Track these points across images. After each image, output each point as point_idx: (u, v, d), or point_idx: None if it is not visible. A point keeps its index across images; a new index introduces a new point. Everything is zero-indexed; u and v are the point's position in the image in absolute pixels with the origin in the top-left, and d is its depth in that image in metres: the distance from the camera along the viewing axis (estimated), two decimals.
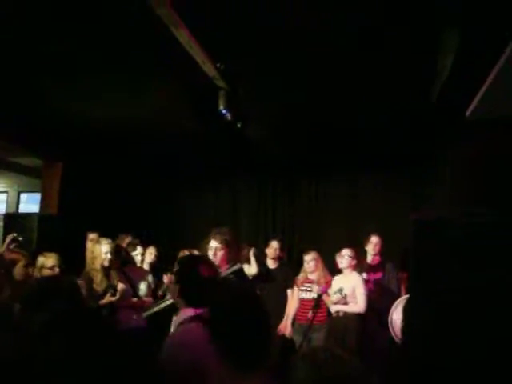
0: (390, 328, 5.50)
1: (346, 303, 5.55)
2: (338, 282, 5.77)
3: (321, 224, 8.21)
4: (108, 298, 5.02)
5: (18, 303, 2.47)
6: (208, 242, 4.40)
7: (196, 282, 2.76)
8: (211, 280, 2.80)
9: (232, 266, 4.30)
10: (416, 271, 2.15)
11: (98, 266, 5.11)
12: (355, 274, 5.74)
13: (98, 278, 5.08)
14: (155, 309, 4.62)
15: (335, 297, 5.54)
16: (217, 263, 4.24)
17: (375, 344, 5.74)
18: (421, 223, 1.91)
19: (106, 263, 5.16)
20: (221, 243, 4.33)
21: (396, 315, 5.48)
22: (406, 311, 2.07)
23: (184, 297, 2.72)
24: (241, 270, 4.32)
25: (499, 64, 1.38)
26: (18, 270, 4.58)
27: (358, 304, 5.55)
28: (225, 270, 4.22)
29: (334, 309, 5.61)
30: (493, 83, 1.53)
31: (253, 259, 6.17)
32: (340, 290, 5.55)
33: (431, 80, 4.65)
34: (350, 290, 5.58)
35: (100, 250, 5.16)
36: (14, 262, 4.41)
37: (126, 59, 4.61)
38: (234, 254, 4.56)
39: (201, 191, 8.64)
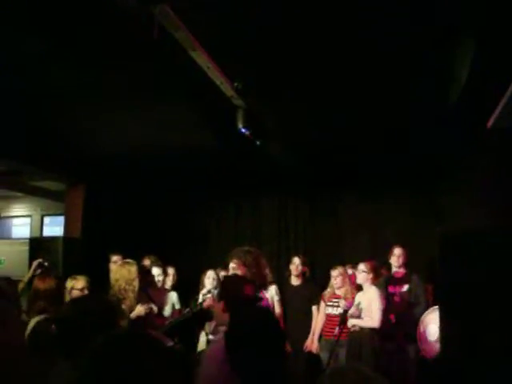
0: (419, 340, 5.45)
1: (359, 316, 5.50)
2: (358, 297, 5.74)
3: (344, 239, 8.15)
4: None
5: None
6: (228, 263, 4.49)
7: (240, 299, 2.83)
8: (254, 298, 2.86)
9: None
10: (443, 283, 2.14)
11: (136, 286, 5.09)
12: (373, 289, 5.71)
13: (132, 298, 5.06)
14: (174, 322, 4.64)
15: (351, 310, 5.50)
16: None
17: (405, 356, 5.70)
18: (447, 237, 1.90)
19: (137, 285, 5.16)
20: (237, 263, 4.38)
21: (422, 327, 5.43)
22: (440, 329, 2.06)
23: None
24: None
25: None
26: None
27: (372, 319, 5.50)
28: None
29: (350, 323, 5.56)
30: None
31: None
32: (357, 305, 5.52)
33: (450, 91, 4.64)
34: (366, 304, 5.53)
35: (135, 272, 5.15)
36: (44, 289, 4.43)
37: (147, 84, 4.68)
38: (256, 273, 4.48)
39: (222, 212, 8.66)
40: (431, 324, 4.97)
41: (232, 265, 4.41)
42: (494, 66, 3.17)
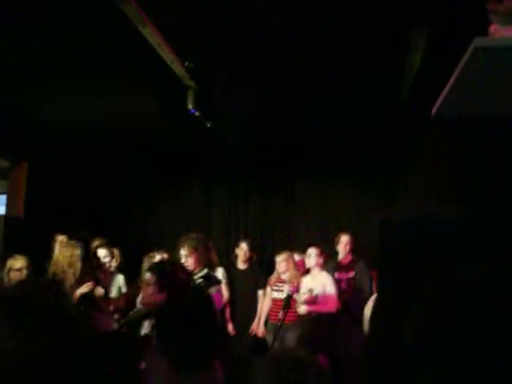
0: (364, 325, 5.53)
1: (315, 302, 5.55)
2: (307, 282, 5.77)
3: (294, 224, 8.21)
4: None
5: None
6: (179, 250, 4.60)
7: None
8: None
9: (199, 271, 4.48)
10: (382, 270, 2.15)
11: (77, 270, 4.96)
12: (324, 274, 5.76)
13: (71, 280, 4.95)
14: (130, 318, 4.58)
15: (304, 296, 5.53)
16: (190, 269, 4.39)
17: (349, 342, 5.77)
18: (385, 223, 1.90)
19: (81, 267, 5.04)
20: (188, 250, 4.52)
21: (367, 312, 5.52)
22: (373, 308, 2.07)
23: None
24: (208, 274, 4.48)
25: (461, 64, 1.38)
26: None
27: (328, 304, 5.55)
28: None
29: (303, 310, 5.60)
30: (455, 84, 1.54)
31: None
32: (310, 291, 5.55)
33: (401, 78, 4.69)
34: (320, 290, 5.58)
35: (78, 254, 5.03)
36: None
37: (92, 58, 4.53)
38: (206, 258, 4.68)
39: (172, 192, 8.55)
40: (368, 310, 5.03)
41: (184, 252, 4.54)
42: (445, 54, 3.21)
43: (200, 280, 4.32)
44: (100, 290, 4.97)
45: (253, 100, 5.56)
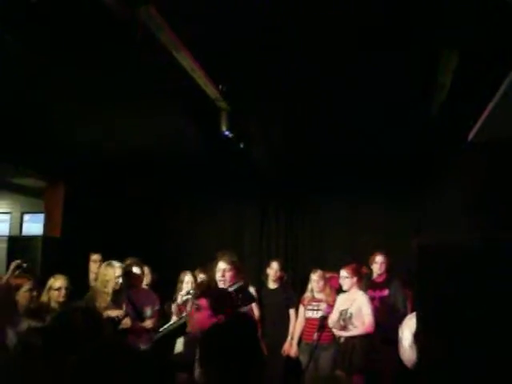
0: (399, 345, 5.46)
1: (345, 327, 5.50)
2: (342, 301, 5.74)
3: (324, 245, 8.17)
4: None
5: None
6: (216, 264, 4.53)
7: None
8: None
9: (234, 283, 4.40)
10: (421, 293, 2.16)
11: (109, 289, 5.03)
12: (360, 294, 5.70)
13: (106, 301, 5.01)
14: (165, 331, 4.62)
15: (333, 320, 5.50)
16: (226, 284, 4.42)
17: (382, 362, 5.70)
18: (423, 247, 1.92)
19: (117, 287, 5.11)
20: (229, 264, 4.49)
21: (401, 332, 5.45)
22: (416, 337, 2.08)
23: None
24: (243, 288, 4.38)
25: (500, 91, 1.39)
26: (22, 295, 4.61)
27: (364, 325, 5.50)
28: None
29: (339, 333, 5.56)
30: (495, 107, 1.55)
31: None
32: (345, 310, 5.51)
33: (431, 100, 4.67)
34: (355, 310, 5.53)
35: (113, 274, 5.09)
36: (18, 288, 4.42)
37: (130, 84, 4.64)
38: (243, 276, 4.66)
39: (203, 213, 8.61)
40: (406, 330, 4.99)
41: (223, 266, 4.47)
42: (477, 78, 3.21)
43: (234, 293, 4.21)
44: (126, 313, 5.02)
45: (284, 123, 5.62)
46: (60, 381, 1.65)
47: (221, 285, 4.56)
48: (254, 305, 5.32)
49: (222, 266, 4.50)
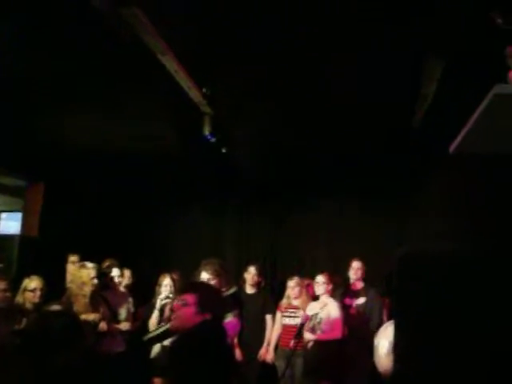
0: (374, 353, 5.48)
1: (313, 330, 5.53)
2: (312, 306, 5.80)
3: (304, 251, 8.20)
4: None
5: None
6: (199, 274, 4.51)
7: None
8: None
9: (228, 289, 4.51)
10: (400, 302, 2.16)
11: (85, 292, 4.99)
12: (331, 300, 5.77)
13: (82, 303, 4.97)
14: (152, 334, 4.59)
15: (308, 323, 5.54)
16: None
17: (357, 370, 5.73)
18: (405, 256, 1.92)
19: (93, 288, 5.07)
20: (212, 274, 4.46)
21: (377, 341, 5.48)
22: (394, 346, 2.08)
23: None
24: (236, 293, 4.57)
25: (480, 108, 1.43)
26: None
27: (334, 331, 5.54)
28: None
29: (308, 337, 5.59)
30: (474, 126, 1.58)
31: None
32: (315, 314, 5.55)
33: (414, 107, 4.73)
34: (325, 316, 5.57)
35: (87, 275, 5.05)
36: None
37: (111, 85, 4.62)
38: (227, 282, 4.65)
39: (184, 216, 8.57)
40: (383, 339, 5.02)
41: (206, 275, 4.47)
42: (460, 90, 3.26)
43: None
44: (103, 325, 5.00)
45: (267, 127, 5.63)
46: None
47: None
48: None
49: (204, 276, 4.48)
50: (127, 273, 6.43)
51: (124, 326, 5.39)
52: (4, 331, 3.90)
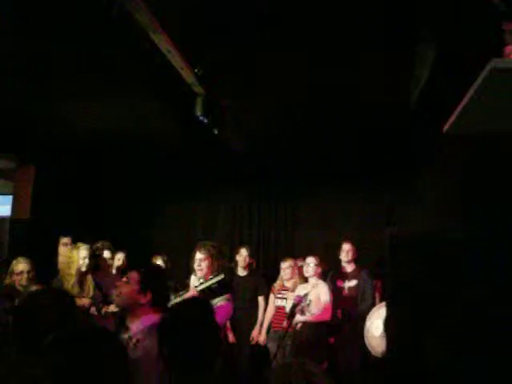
0: (364, 335, 5.53)
1: (303, 311, 5.56)
2: (302, 288, 5.83)
3: (297, 234, 8.23)
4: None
5: None
6: (194, 254, 4.68)
7: None
8: None
9: (215, 276, 4.55)
10: (392, 283, 2.18)
11: (73, 271, 5.00)
12: (320, 283, 5.83)
13: (71, 283, 4.98)
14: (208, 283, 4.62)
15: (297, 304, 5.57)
16: (202, 274, 4.59)
17: (350, 351, 5.77)
18: (395, 237, 1.93)
19: (84, 268, 5.07)
20: (204, 254, 4.61)
21: (369, 322, 5.51)
22: (385, 322, 2.10)
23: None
24: (223, 280, 4.54)
25: (476, 84, 1.40)
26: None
27: (322, 313, 5.59)
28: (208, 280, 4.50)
29: (297, 319, 5.61)
30: (469, 103, 1.56)
31: None
32: (305, 295, 5.58)
33: (408, 91, 4.70)
34: (314, 298, 5.60)
35: (77, 255, 5.06)
36: None
37: (101, 62, 4.54)
38: (218, 266, 4.74)
39: (177, 199, 8.54)
40: (377, 320, 5.05)
41: (199, 256, 4.63)
42: (455, 69, 3.24)
43: (215, 285, 4.42)
44: (93, 310, 5.03)
45: (260, 109, 5.59)
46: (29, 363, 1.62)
47: (198, 274, 4.67)
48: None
49: (198, 256, 4.63)
50: (120, 255, 6.42)
51: (113, 308, 5.39)
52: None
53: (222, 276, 4.50)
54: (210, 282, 4.44)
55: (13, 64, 4.71)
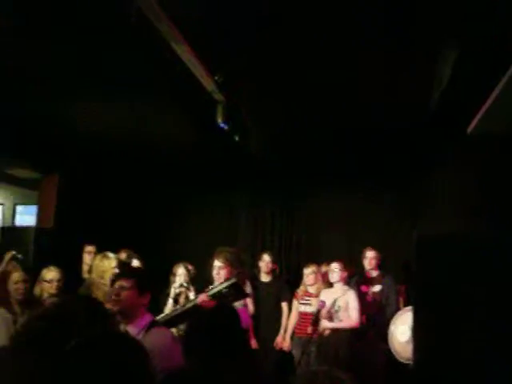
0: (389, 340, 5.48)
1: (331, 318, 5.53)
2: (329, 295, 5.76)
3: (319, 238, 8.18)
4: None
5: None
6: (213, 261, 4.72)
7: None
8: None
9: (227, 280, 4.53)
10: (419, 285, 2.16)
11: (106, 281, 5.00)
12: (347, 288, 5.79)
13: (103, 291, 4.98)
14: (165, 318, 4.61)
15: (324, 311, 5.54)
16: (220, 281, 4.57)
17: (373, 356, 5.72)
18: (423, 239, 1.91)
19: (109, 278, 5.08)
20: (223, 263, 4.64)
21: (394, 327, 5.46)
22: (413, 326, 2.07)
23: None
24: (236, 284, 4.46)
25: (501, 84, 1.38)
26: (15, 286, 4.59)
27: (351, 319, 5.54)
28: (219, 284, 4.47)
29: (325, 325, 5.58)
30: (495, 100, 1.53)
31: None
32: (334, 302, 5.54)
33: (430, 93, 4.66)
34: (343, 304, 5.57)
35: (109, 265, 5.07)
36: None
37: (125, 72, 4.60)
38: (238, 274, 4.76)
39: (197, 207, 8.58)
40: (403, 325, 5.01)
41: (218, 264, 4.66)
42: (477, 69, 3.21)
43: (226, 290, 4.36)
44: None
45: (280, 115, 5.60)
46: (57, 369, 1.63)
47: (216, 281, 4.67)
48: (249, 300, 5.37)
49: (216, 264, 4.66)
50: (137, 263, 6.45)
51: None
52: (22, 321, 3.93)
53: (233, 280, 4.45)
54: (220, 287, 4.40)
55: (41, 76, 4.77)
